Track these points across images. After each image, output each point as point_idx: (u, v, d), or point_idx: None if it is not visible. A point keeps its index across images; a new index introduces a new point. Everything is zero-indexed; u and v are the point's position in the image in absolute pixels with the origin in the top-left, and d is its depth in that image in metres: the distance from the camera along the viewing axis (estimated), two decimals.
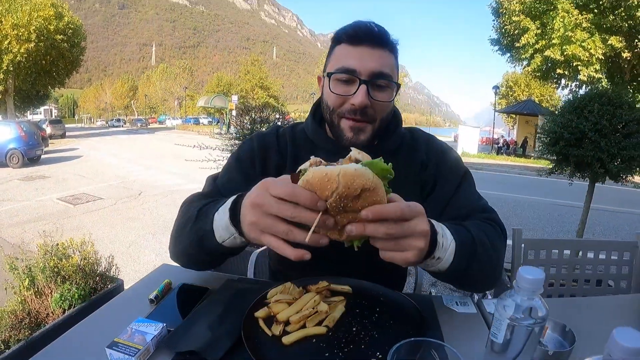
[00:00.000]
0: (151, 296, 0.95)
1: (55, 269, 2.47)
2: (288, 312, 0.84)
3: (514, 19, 18.06)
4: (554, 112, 3.83)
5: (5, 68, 24.12)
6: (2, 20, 23.47)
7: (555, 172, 3.81)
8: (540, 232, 6.58)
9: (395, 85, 1.06)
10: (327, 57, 1.13)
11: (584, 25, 16.65)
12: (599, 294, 1.83)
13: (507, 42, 19.84)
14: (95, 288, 2.55)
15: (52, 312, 2.35)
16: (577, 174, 3.65)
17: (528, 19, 17.81)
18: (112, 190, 8.92)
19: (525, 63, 19.72)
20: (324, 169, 0.65)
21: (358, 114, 1.03)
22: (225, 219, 0.82)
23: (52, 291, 2.42)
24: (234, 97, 32.97)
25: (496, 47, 21.05)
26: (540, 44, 17.70)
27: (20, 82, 26.92)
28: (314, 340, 0.79)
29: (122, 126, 58.39)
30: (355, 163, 0.68)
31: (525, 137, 24.75)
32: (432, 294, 2.44)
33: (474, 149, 23.80)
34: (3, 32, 23.27)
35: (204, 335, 0.81)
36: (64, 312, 2.32)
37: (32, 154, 14.06)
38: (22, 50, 23.73)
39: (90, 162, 14.78)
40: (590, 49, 16.61)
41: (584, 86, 17.92)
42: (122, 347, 0.72)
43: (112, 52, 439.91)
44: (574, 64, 17.22)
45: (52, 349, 0.80)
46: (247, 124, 4.79)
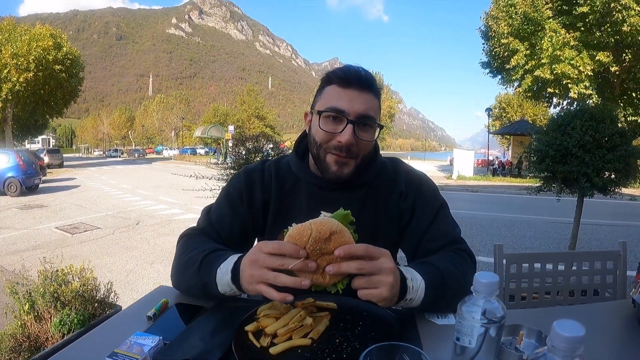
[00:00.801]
0: (149, 313, 1.00)
1: (55, 295, 2.51)
2: (276, 326, 0.89)
3: (503, 41, 18.36)
4: (539, 131, 3.93)
5: (4, 97, 24.36)
6: (2, 49, 23.80)
7: (544, 190, 3.88)
8: (536, 250, 6.59)
9: (378, 126, 1.16)
10: (316, 94, 1.21)
11: (572, 43, 16.97)
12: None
13: (498, 65, 20.12)
14: (94, 314, 2.58)
15: (51, 337, 2.38)
16: (566, 190, 3.72)
17: (517, 40, 18.13)
18: (109, 220, 8.95)
19: (516, 84, 19.99)
20: (300, 224, 0.84)
21: (344, 151, 1.12)
22: (227, 278, 0.96)
23: (51, 316, 2.45)
24: (231, 127, 33.13)
25: (487, 70, 21.32)
26: (530, 64, 17.96)
27: (18, 111, 27.16)
28: (299, 351, 0.84)
29: (120, 156, 58.67)
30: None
31: (520, 157, 24.92)
32: None
33: (469, 172, 23.93)
34: (2, 61, 23.57)
35: (198, 346, 0.86)
36: (63, 337, 2.35)
37: (30, 182, 14.12)
38: (21, 79, 23.99)
39: (88, 191, 14.83)
40: (579, 66, 16.88)
41: (575, 103, 18.13)
42: (122, 357, 0.78)
43: (109, 83, 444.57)
44: (564, 82, 17.45)
45: None
46: (243, 153, 4.86)
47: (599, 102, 17.80)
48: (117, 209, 10.49)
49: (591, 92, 17.72)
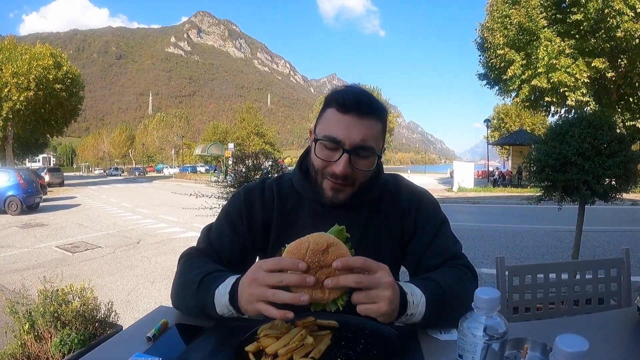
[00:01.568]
0: (149, 334, 0.99)
1: (55, 314, 2.50)
2: (276, 346, 0.88)
3: (498, 52, 18.50)
4: (538, 140, 3.94)
5: (4, 116, 24.49)
6: (3, 68, 23.98)
7: (545, 199, 3.88)
8: (539, 260, 6.57)
9: (377, 156, 1.12)
10: (318, 115, 1.18)
11: (567, 51, 17.09)
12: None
13: (495, 76, 20.25)
14: (95, 333, 2.56)
15: (51, 357, 2.36)
16: (567, 198, 3.72)
17: (512, 51, 18.26)
18: (110, 239, 8.94)
19: (513, 94, 20.08)
20: (298, 239, 0.85)
21: (339, 179, 1.09)
22: (225, 300, 0.95)
23: (52, 336, 2.44)
24: (231, 145, 33.27)
25: (484, 82, 21.44)
26: (526, 74, 18.08)
27: (19, 129, 27.27)
28: None
29: (120, 175, 58.86)
30: None
31: (519, 167, 24.98)
32: None
33: (470, 184, 23.92)
34: (3, 80, 23.74)
35: None
36: (63, 357, 2.33)
37: (30, 201, 14.19)
38: (21, 98, 24.13)
39: (88, 210, 14.84)
40: (575, 73, 16.98)
41: (572, 111, 18.18)
42: None
43: (109, 102, 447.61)
44: (561, 90, 17.54)
45: None
46: (243, 171, 4.86)
47: (597, 109, 17.89)
48: (118, 228, 10.48)
49: (588, 99, 17.81)
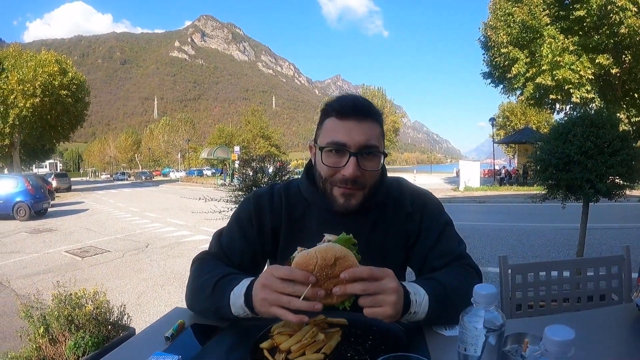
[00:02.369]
0: (167, 334, 1.04)
1: (69, 318, 2.56)
2: (289, 342, 0.92)
3: (502, 50, 18.40)
4: (542, 139, 3.97)
5: (11, 122, 24.62)
6: (9, 75, 24.14)
7: (549, 198, 3.90)
8: (546, 259, 6.55)
9: (382, 154, 1.15)
10: (317, 128, 1.21)
11: (571, 48, 16.99)
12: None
13: (499, 74, 20.13)
14: (108, 336, 2.61)
15: (66, 359, 2.40)
16: (571, 197, 3.74)
17: (516, 49, 18.16)
18: (119, 243, 9.02)
19: (518, 92, 19.96)
20: (305, 251, 0.89)
21: (349, 183, 1.12)
22: (240, 302, 1.00)
23: (66, 339, 2.49)
24: (237, 148, 33.29)
25: (489, 80, 21.33)
26: (530, 72, 17.96)
27: (26, 136, 27.40)
28: None
29: (127, 179, 59.09)
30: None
31: (525, 165, 24.87)
32: None
33: (476, 183, 23.88)
34: (9, 87, 23.87)
35: None
36: (78, 359, 2.38)
37: (39, 207, 14.30)
38: (27, 105, 24.28)
39: (96, 215, 14.94)
40: (580, 70, 16.86)
41: (577, 108, 18.05)
42: None
43: (115, 107, 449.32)
44: (566, 88, 17.41)
45: None
46: (250, 174, 4.90)
47: (602, 106, 17.78)
48: (126, 232, 10.57)
49: (593, 95, 17.67)
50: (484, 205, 15.93)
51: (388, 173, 1.31)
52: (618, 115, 16.09)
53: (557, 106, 20.73)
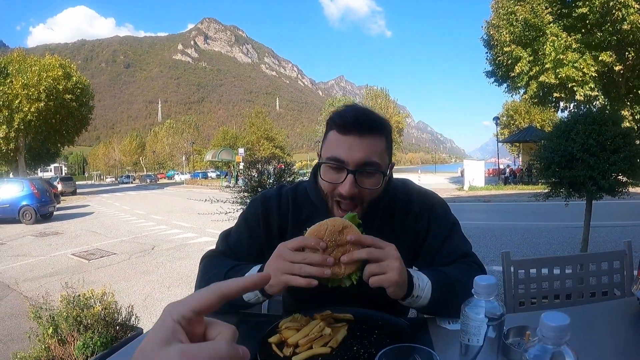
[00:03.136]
0: None
1: (77, 318, 2.59)
2: (297, 337, 0.95)
3: (505, 49, 18.37)
4: (545, 138, 3.99)
5: (16, 127, 24.68)
6: (13, 80, 24.22)
7: (552, 196, 3.91)
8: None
9: (382, 173, 1.12)
10: (323, 138, 1.20)
11: (574, 46, 16.95)
12: None
13: (502, 73, 20.10)
14: (116, 336, 2.64)
15: (75, 359, 2.44)
16: (574, 194, 3.75)
17: (519, 47, 18.12)
18: (125, 246, 9.05)
19: (522, 91, 19.91)
20: (318, 222, 0.97)
21: (347, 199, 1.12)
22: None
23: (75, 339, 2.52)
24: (241, 150, 33.33)
25: (492, 79, 21.29)
26: (534, 70, 17.91)
27: (31, 140, 27.51)
28: (320, 359, 0.90)
29: (132, 182, 59.34)
30: None
31: (529, 163, 24.77)
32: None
33: (481, 182, 23.79)
34: (14, 92, 23.94)
35: None
36: (86, 359, 2.42)
37: (44, 210, 14.39)
38: (32, 109, 24.35)
39: (102, 218, 15.01)
40: (583, 68, 16.82)
41: (582, 106, 17.98)
42: None
43: (119, 110, 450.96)
44: (570, 86, 17.38)
45: None
46: (255, 176, 4.94)
47: (606, 103, 17.71)
48: (132, 235, 10.61)
49: (597, 93, 17.63)
50: (489, 204, 15.90)
51: (393, 174, 1.32)
52: (622, 112, 16.07)
53: (561, 104, 20.67)
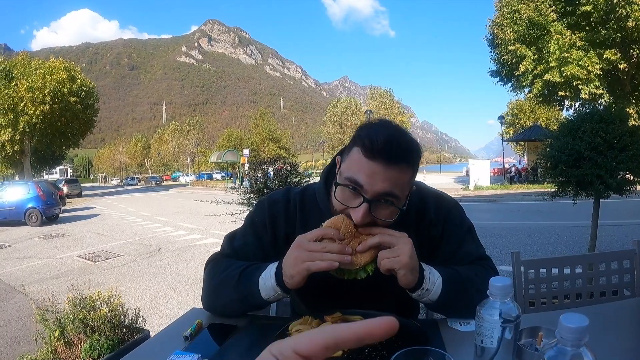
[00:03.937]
0: (185, 333, 1.06)
1: (84, 321, 2.59)
2: None
3: (509, 48, 18.24)
4: (551, 137, 3.96)
5: (21, 129, 24.79)
6: (18, 83, 24.30)
7: (560, 195, 3.89)
8: (558, 255, 6.52)
9: (399, 210, 1.04)
10: (347, 148, 1.08)
11: (578, 44, 16.81)
12: None
13: (507, 72, 19.97)
14: (123, 339, 2.64)
15: None
16: (582, 193, 3.73)
17: (523, 46, 18.00)
18: (130, 247, 9.08)
19: (526, 90, 19.80)
20: (335, 216, 1.04)
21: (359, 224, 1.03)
22: (271, 282, 1.05)
23: (81, 342, 2.52)
24: (246, 151, 33.38)
25: (497, 79, 21.19)
26: (538, 69, 17.79)
27: (36, 143, 27.65)
28: None
29: (137, 184, 59.50)
30: None
31: (535, 163, 24.65)
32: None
33: (486, 182, 23.74)
34: (19, 95, 24.02)
35: None
36: None
37: (50, 212, 14.48)
38: (37, 112, 24.44)
39: (107, 220, 15.06)
40: (588, 66, 16.68)
41: (587, 104, 17.88)
42: None
43: (124, 112, 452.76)
44: (574, 84, 17.22)
45: None
46: (260, 177, 4.94)
47: (611, 101, 17.60)
48: (138, 236, 10.64)
49: (602, 91, 17.50)
50: (494, 204, 15.86)
51: None
52: (627, 110, 15.94)
53: (566, 103, 20.54)
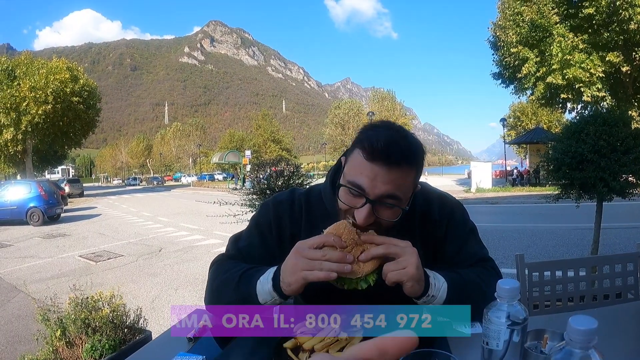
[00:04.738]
0: (189, 335, 1.06)
1: (85, 321, 2.58)
2: (313, 342, 0.94)
3: (512, 50, 18.27)
4: (554, 139, 3.96)
5: (23, 129, 24.83)
6: (20, 83, 24.38)
7: (563, 197, 3.88)
8: (560, 258, 6.51)
9: (402, 210, 1.04)
10: (351, 149, 1.09)
11: (581, 46, 16.84)
12: None
13: (509, 74, 20.01)
14: (125, 339, 2.64)
15: None
16: (584, 196, 3.72)
17: (526, 48, 18.02)
18: (132, 248, 9.10)
19: (529, 92, 19.80)
20: (337, 222, 1.01)
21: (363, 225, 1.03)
22: (268, 287, 1.01)
23: (83, 342, 2.52)
24: (248, 152, 33.42)
25: (499, 81, 21.20)
26: (541, 71, 17.83)
27: (38, 142, 27.71)
28: None
29: (139, 184, 59.58)
30: None
31: (537, 165, 24.65)
32: None
33: (488, 184, 23.75)
34: (21, 95, 24.08)
35: None
36: None
37: (52, 212, 14.53)
38: (39, 111, 24.50)
39: (109, 220, 15.09)
40: (590, 68, 16.72)
41: (589, 107, 17.86)
42: None
43: (126, 113, 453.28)
44: (577, 86, 17.27)
45: None
46: (262, 178, 4.94)
47: (613, 104, 17.58)
48: (139, 237, 10.66)
49: (604, 94, 17.53)
50: (496, 206, 15.84)
51: None
52: (630, 113, 15.92)
53: (569, 105, 20.57)
